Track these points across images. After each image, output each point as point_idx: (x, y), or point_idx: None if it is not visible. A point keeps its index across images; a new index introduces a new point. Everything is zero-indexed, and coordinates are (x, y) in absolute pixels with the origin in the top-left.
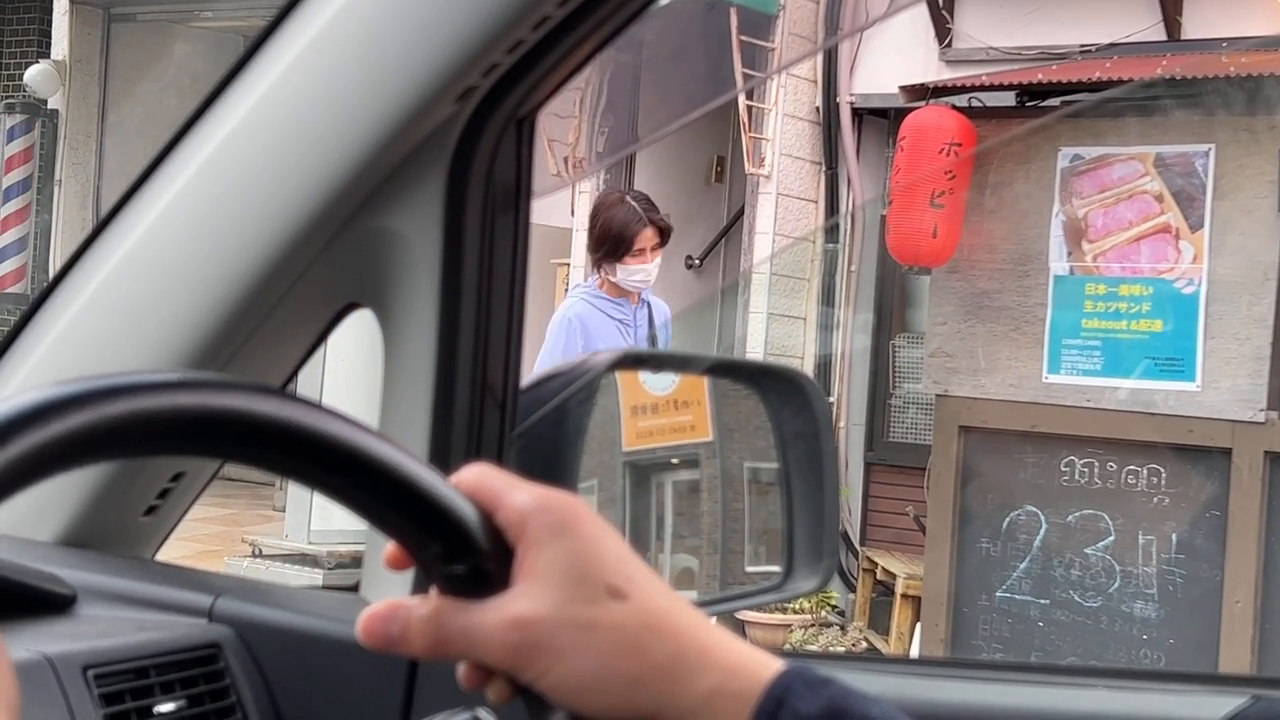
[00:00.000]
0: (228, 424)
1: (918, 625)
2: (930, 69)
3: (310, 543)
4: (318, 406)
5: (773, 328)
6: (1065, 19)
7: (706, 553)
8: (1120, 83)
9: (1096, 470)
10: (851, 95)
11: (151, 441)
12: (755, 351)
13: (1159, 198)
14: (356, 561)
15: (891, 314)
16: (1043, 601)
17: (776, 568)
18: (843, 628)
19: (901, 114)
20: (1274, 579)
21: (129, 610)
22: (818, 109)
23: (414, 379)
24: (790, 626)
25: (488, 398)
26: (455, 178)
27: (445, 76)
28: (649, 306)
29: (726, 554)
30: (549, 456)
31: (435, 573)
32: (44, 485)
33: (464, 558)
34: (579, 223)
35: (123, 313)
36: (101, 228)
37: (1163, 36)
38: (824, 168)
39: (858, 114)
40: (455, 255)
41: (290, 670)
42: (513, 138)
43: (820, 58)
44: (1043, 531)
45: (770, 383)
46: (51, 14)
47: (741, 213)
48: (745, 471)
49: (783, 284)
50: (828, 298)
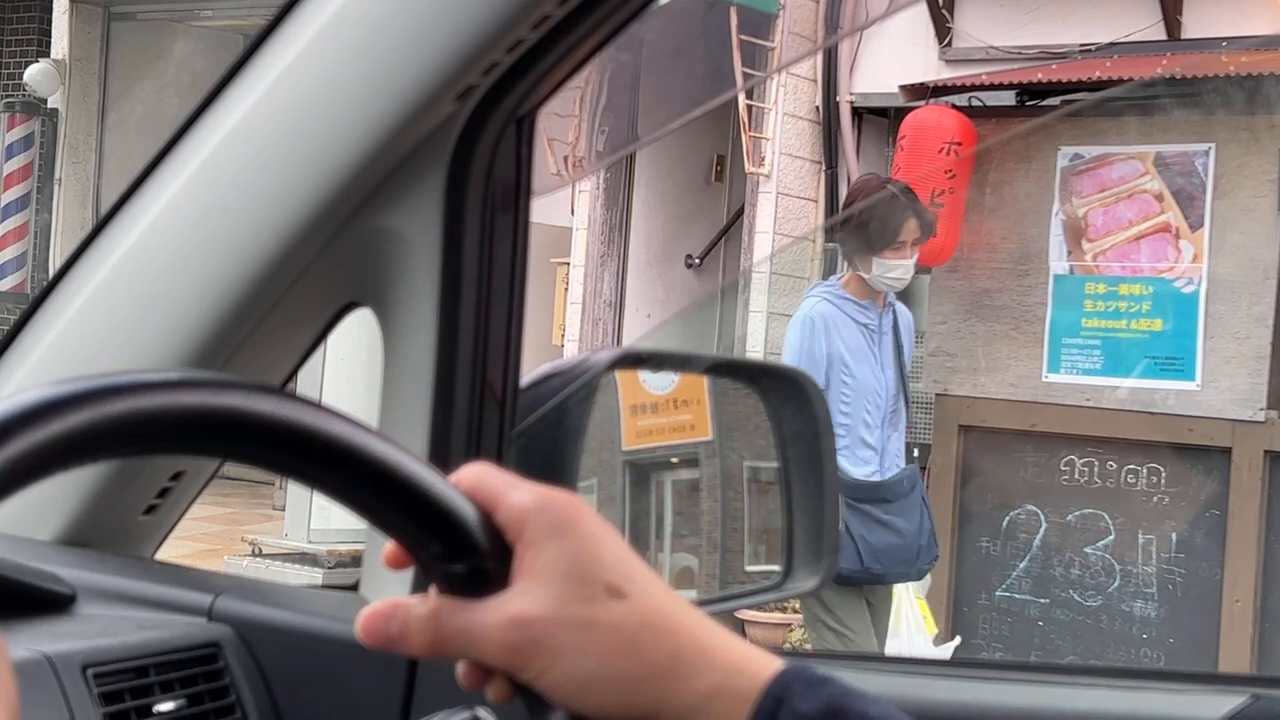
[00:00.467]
0: (227, 423)
1: None
2: (930, 68)
3: (310, 541)
4: (317, 405)
5: (773, 327)
6: (1065, 18)
7: (706, 552)
8: (1120, 82)
9: (1096, 469)
10: (851, 94)
11: (151, 441)
12: (755, 351)
13: (1159, 197)
14: (356, 560)
15: None
16: (1042, 600)
17: (776, 567)
18: None
19: (901, 113)
20: (1274, 578)
21: (128, 609)
22: (818, 108)
23: (414, 378)
24: (790, 626)
25: (487, 396)
26: (455, 177)
27: (445, 75)
28: (894, 311)
29: (726, 553)
30: (548, 455)
31: (435, 572)
32: (44, 484)
33: (463, 557)
34: (579, 221)
35: (122, 312)
36: (101, 227)
37: (1163, 36)
38: (824, 167)
39: (858, 113)
40: (455, 254)
41: (290, 669)
42: (512, 137)
43: (820, 57)
44: (1042, 531)
45: (770, 382)
46: (51, 13)
47: (741, 212)
48: (745, 470)
49: (783, 283)
50: None
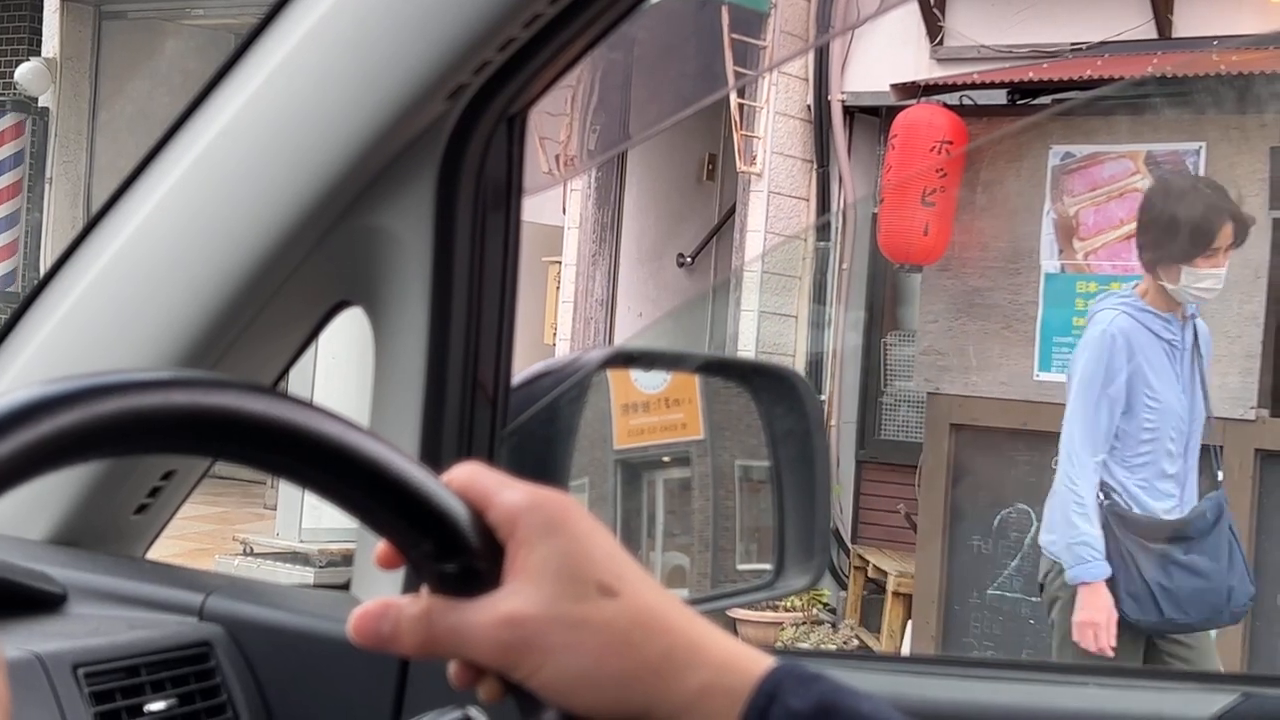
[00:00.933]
0: (219, 422)
1: (909, 623)
2: (922, 67)
3: (301, 541)
4: (308, 405)
5: (764, 326)
6: (1056, 17)
7: (698, 550)
8: (1111, 81)
9: None
10: (843, 93)
11: (142, 440)
12: (747, 349)
13: None
14: (348, 559)
15: (883, 312)
16: (1034, 599)
17: (768, 565)
18: (834, 625)
19: (893, 112)
20: (1264, 576)
21: (120, 609)
22: (809, 107)
23: (405, 377)
24: (782, 624)
25: (479, 395)
26: (446, 175)
27: (436, 74)
28: (1195, 325)
29: (718, 552)
30: (540, 454)
31: (426, 571)
32: (34, 483)
33: (455, 556)
34: (570, 220)
35: (114, 311)
36: (92, 226)
37: (1154, 35)
38: (815, 166)
39: (849, 112)
40: (446, 253)
41: (281, 669)
42: (504, 135)
43: (812, 56)
44: (1034, 529)
45: (762, 381)
46: (42, 11)
47: (733, 211)
48: (736, 469)
49: (774, 282)
50: (819, 295)
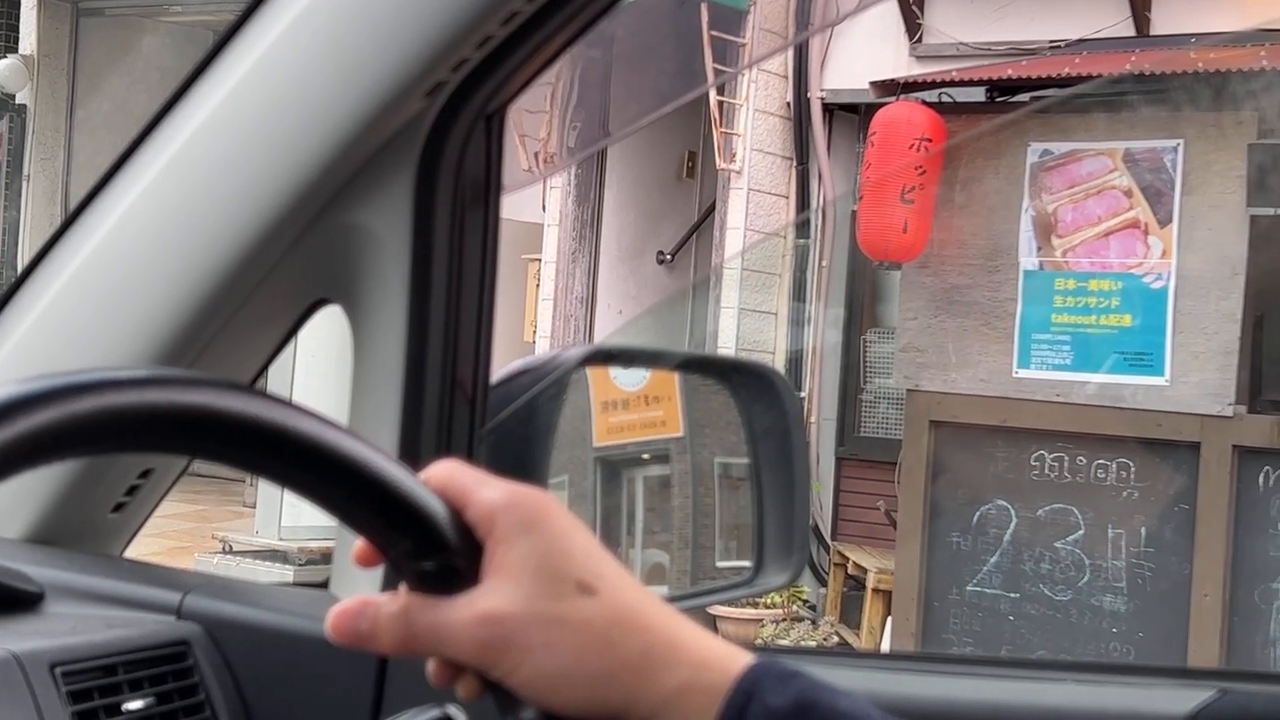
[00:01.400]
0: (196, 421)
1: (889, 619)
2: (901, 64)
3: (281, 539)
4: (286, 403)
5: (744, 323)
6: (1035, 15)
7: (677, 548)
8: (1090, 78)
9: (1066, 464)
10: (822, 91)
11: (119, 438)
12: (727, 347)
13: (1128, 193)
14: (327, 558)
15: (862, 309)
16: (1013, 595)
17: (747, 563)
18: (814, 622)
19: (872, 109)
20: (1242, 572)
21: (97, 608)
22: (789, 104)
23: (383, 375)
24: (762, 621)
25: (457, 393)
26: (424, 173)
27: (414, 71)
28: None
29: (697, 549)
30: (519, 452)
31: (404, 569)
32: (11, 482)
33: (433, 554)
34: (550, 218)
35: (91, 308)
36: (69, 223)
37: (1132, 32)
38: (795, 163)
39: (828, 109)
40: (425, 251)
41: (259, 667)
42: (482, 133)
43: (791, 53)
44: (1013, 525)
45: (741, 378)
46: (19, 8)
47: (713, 208)
48: (716, 467)
49: (754, 279)
50: (799, 293)
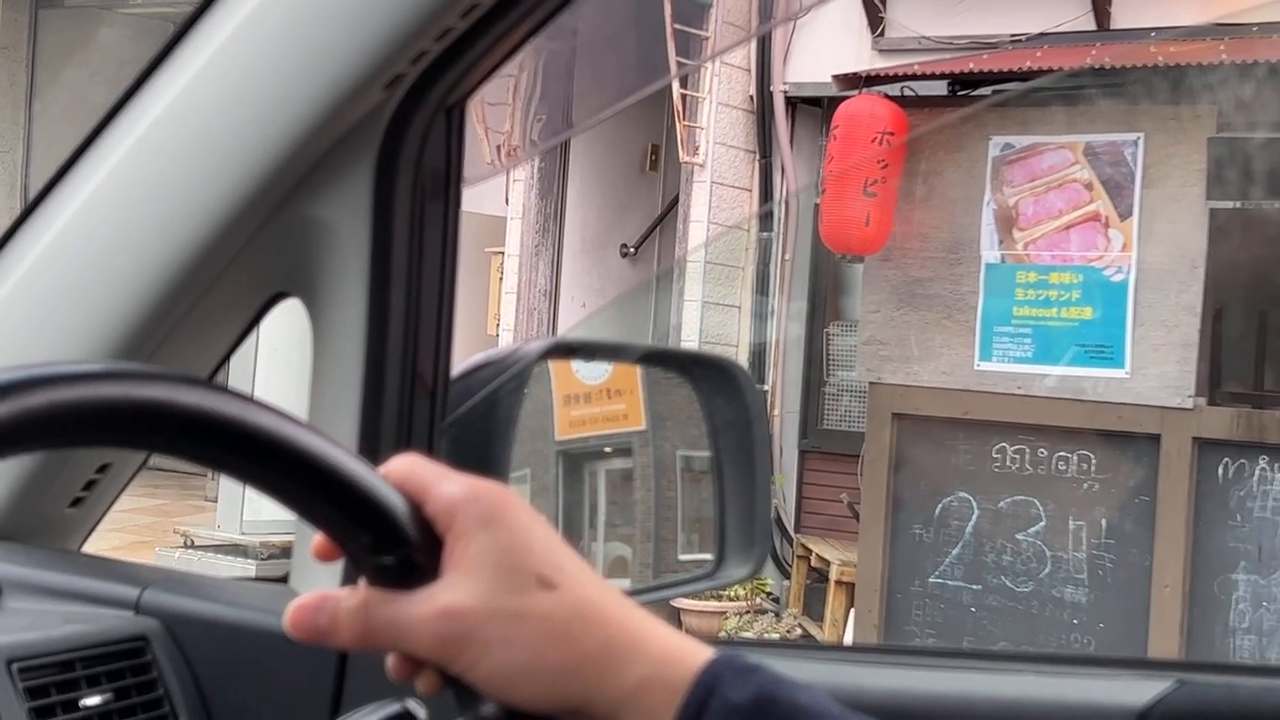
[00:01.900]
0: (152, 415)
1: (851, 611)
2: (863, 58)
3: (243, 533)
4: (243, 397)
5: (708, 316)
6: (996, 8)
7: (639, 541)
8: (1051, 72)
9: (1027, 456)
10: (785, 84)
11: (75, 433)
12: (690, 340)
13: (1089, 186)
14: (289, 552)
15: (825, 302)
16: (975, 587)
17: (709, 556)
18: (778, 614)
19: (835, 103)
20: (1202, 563)
21: (54, 603)
22: (752, 98)
23: (343, 368)
24: (725, 614)
25: (418, 387)
26: (384, 166)
27: (373, 64)
28: None
29: (659, 542)
30: (480, 446)
31: (364, 564)
32: None
33: (392, 549)
34: (513, 211)
35: (47, 302)
36: (26, 215)
37: (1092, 26)
38: (758, 156)
39: (791, 103)
40: (384, 244)
41: (218, 662)
42: (442, 125)
43: (754, 47)
44: (975, 518)
45: (702, 371)
46: None
47: (676, 201)
48: (678, 460)
49: (717, 272)
50: (762, 286)
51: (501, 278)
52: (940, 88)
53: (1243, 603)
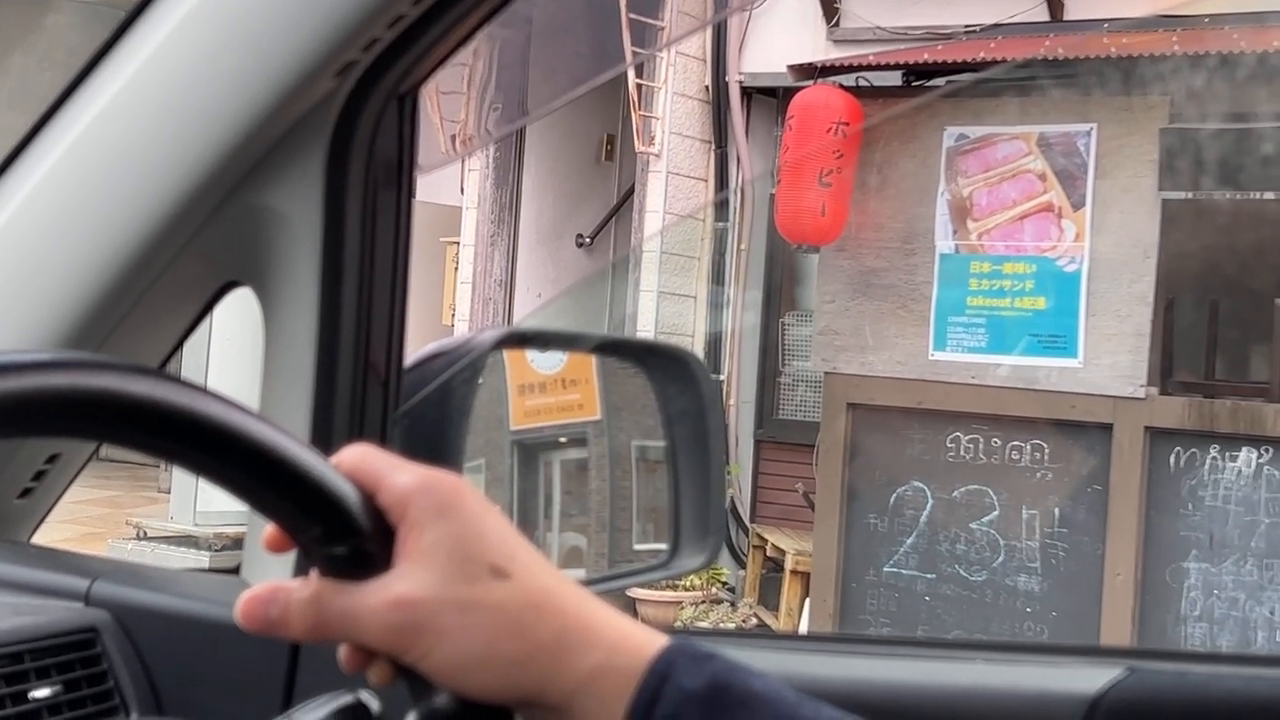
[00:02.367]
0: (100, 405)
1: (807, 600)
2: (819, 48)
3: (196, 525)
4: (194, 386)
5: (663, 306)
6: (951, 0)
7: (594, 531)
8: (1005, 62)
9: (981, 446)
10: (741, 74)
11: (22, 423)
12: (646, 330)
13: (1042, 177)
14: (242, 543)
15: (780, 292)
16: (929, 576)
17: (664, 545)
18: (733, 604)
19: (790, 93)
20: (1154, 552)
21: (3, 595)
22: (707, 88)
23: (295, 358)
24: (681, 603)
25: (370, 376)
26: (336, 154)
27: (324, 51)
28: None
29: (614, 532)
30: (433, 436)
31: (316, 554)
32: None
33: (344, 539)
34: (468, 200)
35: None
36: None
37: (1046, 17)
38: (714, 146)
39: (747, 93)
40: (336, 232)
41: (169, 654)
42: (394, 114)
43: (710, 37)
44: (929, 507)
45: (656, 361)
46: None
47: (632, 191)
48: (633, 450)
49: (673, 262)
50: (718, 276)
51: (457, 268)
52: (895, 78)
53: (1194, 591)
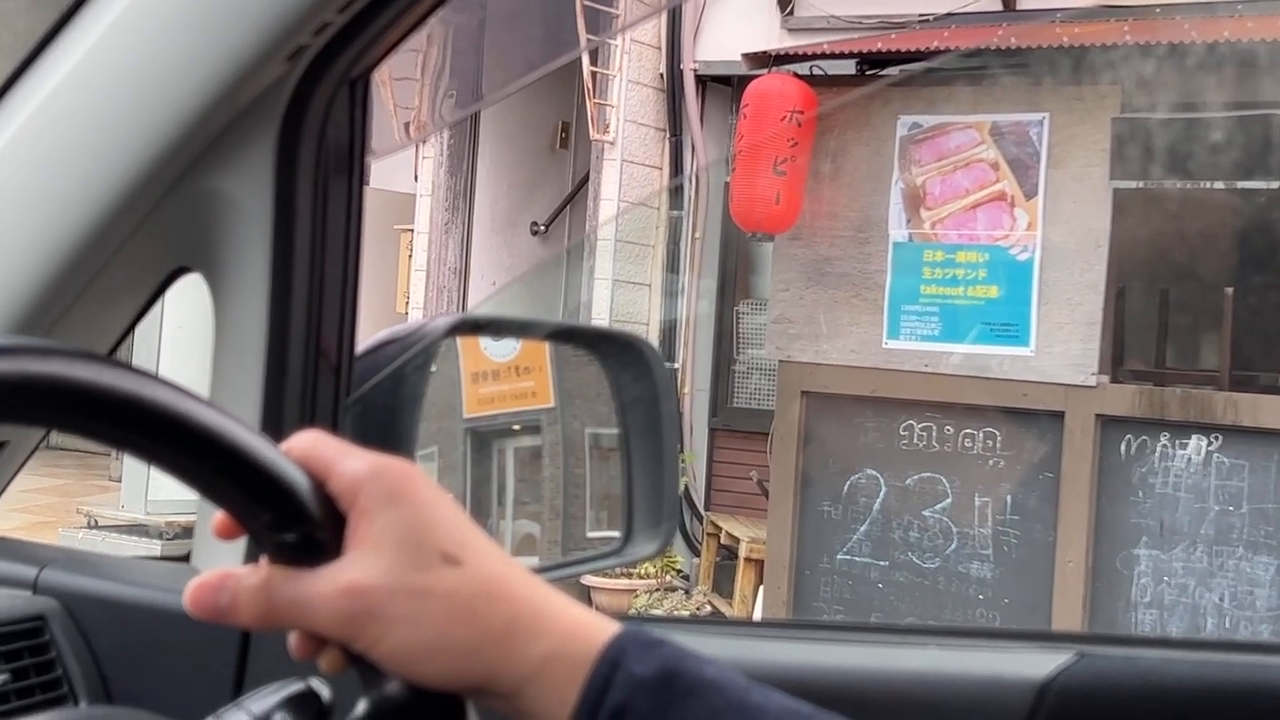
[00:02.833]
0: (47, 391)
1: (761, 588)
2: (773, 37)
3: (148, 513)
4: (142, 373)
5: (618, 294)
6: None
7: (548, 518)
8: (958, 51)
9: (934, 434)
10: (695, 62)
11: None
12: (601, 318)
13: (995, 166)
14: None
15: (735, 280)
16: (882, 563)
17: (617, 533)
18: (687, 591)
19: (744, 81)
20: (1104, 539)
21: None
22: (662, 76)
23: (245, 344)
24: (635, 591)
25: (322, 363)
26: (286, 139)
27: (275, 35)
28: None
29: (568, 519)
30: (385, 423)
31: (266, 541)
32: None
33: (294, 526)
34: (423, 188)
35: None
36: None
37: (999, 7)
38: (668, 134)
39: (701, 81)
40: (287, 218)
41: (119, 642)
42: (346, 99)
43: (664, 25)
44: (882, 494)
45: (609, 348)
46: None
47: (586, 179)
48: (587, 437)
49: (628, 250)
50: (672, 264)
51: (411, 255)
52: (849, 67)
53: (1144, 578)
